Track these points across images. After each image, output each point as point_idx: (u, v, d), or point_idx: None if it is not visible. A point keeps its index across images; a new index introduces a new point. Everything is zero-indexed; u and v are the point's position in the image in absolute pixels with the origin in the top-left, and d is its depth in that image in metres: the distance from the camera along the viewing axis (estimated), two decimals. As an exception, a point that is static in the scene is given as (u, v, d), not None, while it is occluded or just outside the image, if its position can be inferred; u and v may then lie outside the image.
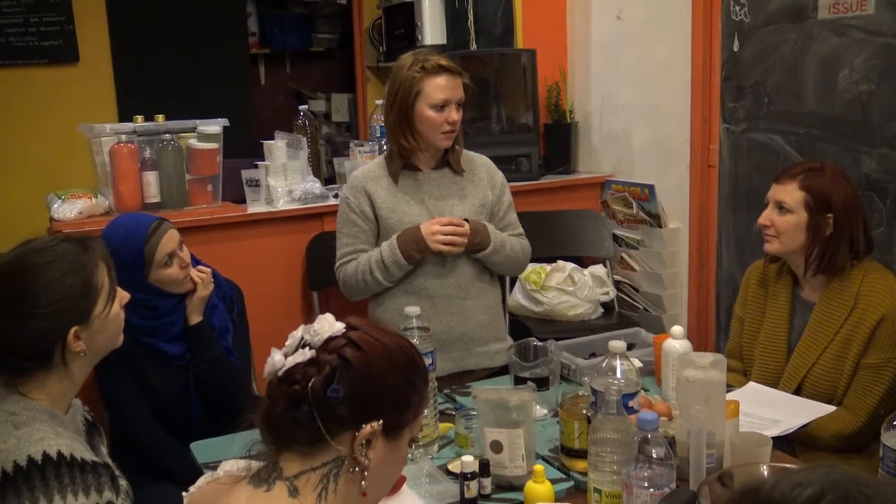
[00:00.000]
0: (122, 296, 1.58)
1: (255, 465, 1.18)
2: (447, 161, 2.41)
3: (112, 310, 1.53)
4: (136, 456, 2.09)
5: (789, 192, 2.05)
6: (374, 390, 1.14)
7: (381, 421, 1.14)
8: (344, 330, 1.16)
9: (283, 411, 1.13)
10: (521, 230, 2.52)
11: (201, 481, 1.25)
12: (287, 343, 1.18)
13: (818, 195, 2.02)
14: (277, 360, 1.16)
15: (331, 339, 1.15)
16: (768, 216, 2.09)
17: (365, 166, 2.53)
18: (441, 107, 2.29)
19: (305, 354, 1.14)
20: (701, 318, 3.30)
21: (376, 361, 1.15)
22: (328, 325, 1.16)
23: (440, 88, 2.28)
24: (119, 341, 1.59)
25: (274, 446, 1.16)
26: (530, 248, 2.53)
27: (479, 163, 2.49)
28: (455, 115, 2.30)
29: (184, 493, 1.25)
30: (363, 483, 1.15)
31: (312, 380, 1.12)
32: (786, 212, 2.05)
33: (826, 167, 2.08)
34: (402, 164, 2.38)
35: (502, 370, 2.36)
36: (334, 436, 1.13)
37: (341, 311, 3.49)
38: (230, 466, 1.22)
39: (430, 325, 2.29)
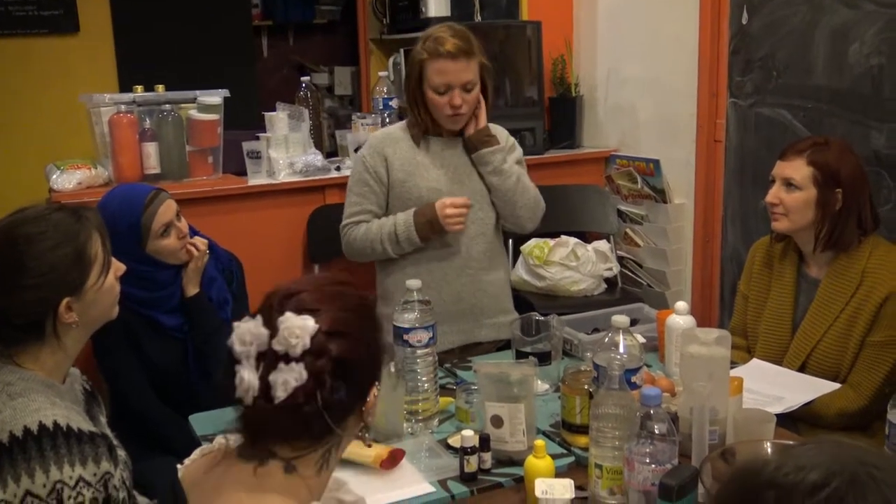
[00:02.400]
0: (118, 267, 1.56)
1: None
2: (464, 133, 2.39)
3: (106, 281, 1.51)
4: (135, 427, 2.09)
5: (797, 169, 2.02)
6: (367, 362, 1.12)
7: (377, 382, 1.14)
8: (315, 325, 1.07)
9: (289, 426, 1.07)
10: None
11: (196, 454, 1.23)
12: (239, 350, 1.07)
13: (826, 170, 1.99)
14: (250, 379, 1.06)
15: (311, 340, 1.06)
16: (776, 194, 2.06)
17: (386, 128, 2.50)
18: (442, 91, 2.26)
19: (295, 371, 1.05)
20: (705, 295, 3.28)
21: (357, 334, 1.11)
22: (300, 328, 1.06)
23: (440, 73, 2.24)
24: (114, 313, 1.57)
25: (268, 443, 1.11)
26: (544, 205, 2.48)
27: (493, 129, 2.47)
28: (458, 99, 2.25)
29: (178, 466, 1.23)
30: (366, 433, 1.17)
31: (319, 395, 1.05)
32: (794, 189, 2.02)
33: (831, 141, 2.05)
34: (423, 129, 2.36)
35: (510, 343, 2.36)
36: (342, 423, 1.11)
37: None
38: (223, 439, 1.20)
39: (440, 296, 2.31)
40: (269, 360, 1.06)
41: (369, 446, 1.21)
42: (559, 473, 1.54)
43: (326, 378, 1.06)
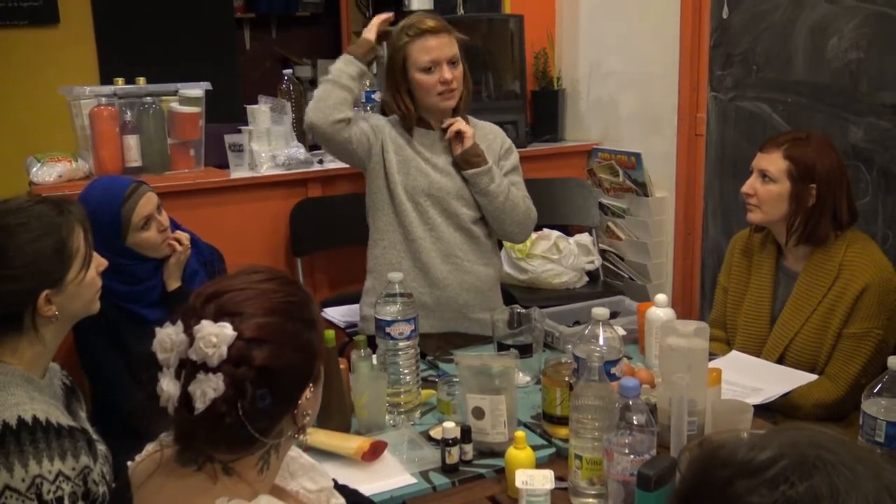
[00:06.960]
0: (100, 262, 1.55)
1: None
2: None
3: (87, 275, 1.50)
4: (119, 422, 2.07)
5: (773, 161, 2.04)
6: (295, 367, 1.07)
7: (310, 385, 1.10)
8: (233, 333, 1.02)
9: (213, 436, 1.03)
10: (527, 194, 2.47)
11: (148, 449, 1.18)
12: (161, 357, 1.04)
13: (802, 165, 2.01)
14: (170, 389, 1.02)
15: (230, 348, 1.02)
16: (752, 185, 2.08)
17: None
18: (430, 68, 2.27)
19: (212, 382, 1.00)
20: (686, 288, 3.30)
21: (283, 338, 1.06)
22: (217, 336, 1.01)
23: (425, 50, 2.27)
24: (95, 308, 1.56)
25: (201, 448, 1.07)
26: (536, 214, 2.46)
27: (489, 129, 2.49)
28: (448, 73, 2.27)
29: (129, 463, 1.19)
30: (302, 436, 1.13)
31: (240, 405, 1.01)
32: (769, 181, 2.04)
33: (812, 136, 2.06)
34: (409, 123, 2.36)
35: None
36: (272, 430, 1.07)
37: (325, 279, 3.46)
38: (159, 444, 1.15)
39: (426, 278, 2.35)
40: (188, 369, 1.02)
41: (306, 450, 1.16)
42: (540, 464, 1.55)
43: (248, 387, 1.01)
